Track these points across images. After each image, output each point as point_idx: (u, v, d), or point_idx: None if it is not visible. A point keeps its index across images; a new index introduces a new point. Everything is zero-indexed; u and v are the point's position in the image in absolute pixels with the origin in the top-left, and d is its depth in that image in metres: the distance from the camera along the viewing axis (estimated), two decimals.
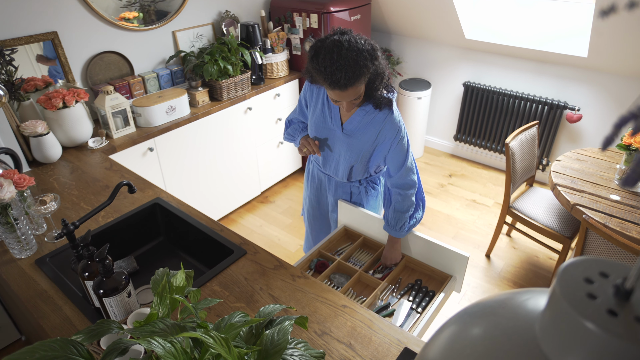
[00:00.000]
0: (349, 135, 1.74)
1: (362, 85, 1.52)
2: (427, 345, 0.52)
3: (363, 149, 1.74)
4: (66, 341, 0.80)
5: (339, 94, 1.51)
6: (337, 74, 1.44)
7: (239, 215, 3.51)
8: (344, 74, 1.44)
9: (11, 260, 1.55)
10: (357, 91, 1.52)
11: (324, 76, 1.47)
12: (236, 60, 2.98)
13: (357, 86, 1.49)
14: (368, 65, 1.48)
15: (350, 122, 1.73)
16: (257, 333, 0.88)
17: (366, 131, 1.71)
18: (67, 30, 2.47)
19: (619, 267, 0.37)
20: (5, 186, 1.41)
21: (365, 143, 1.73)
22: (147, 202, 1.87)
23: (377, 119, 1.68)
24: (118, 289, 1.18)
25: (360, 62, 1.45)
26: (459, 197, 3.70)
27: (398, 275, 1.81)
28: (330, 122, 1.77)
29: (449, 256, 1.73)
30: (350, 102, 1.57)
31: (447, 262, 1.75)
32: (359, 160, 1.79)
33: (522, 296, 0.47)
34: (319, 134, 1.83)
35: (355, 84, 1.48)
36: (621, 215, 2.11)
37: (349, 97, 1.53)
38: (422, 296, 1.69)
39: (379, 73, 1.57)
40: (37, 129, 2.05)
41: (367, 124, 1.70)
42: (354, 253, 1.93)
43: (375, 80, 1.58)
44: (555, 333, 0.36)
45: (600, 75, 3.23)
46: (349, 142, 1.75)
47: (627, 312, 0.33)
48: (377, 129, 1.69)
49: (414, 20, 3.80)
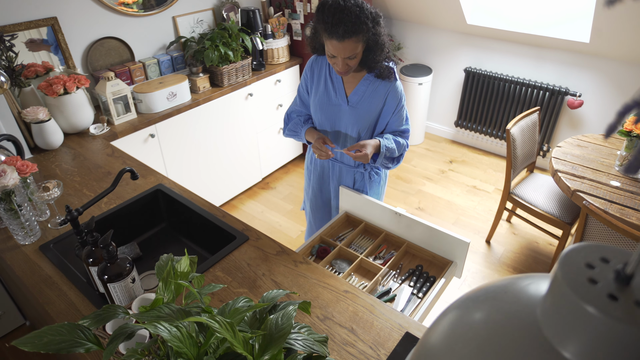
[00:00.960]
0: (354, 107, 1.76)
1: (360, 44, 1.54)
2: (430, 330, 0.53)
3: (370, 118, 1.77)
4: (73, 326, 0.81)
5: (336, 45, 1.53)
6: (338, 24, 1.48)
7: (240, 201, 3.52)
8: (344, 24, 1.48)
9: (15, 247, 1.57)
10: (353, 47, 1.53)
11: (325, 26, 1.52)
12: (237, 46, 2.96)
13: (354, 41, 1.52)
14: (368, 24, 1.52)
15: (355, 94, 1.75)
16: (261, 318, 0.89)
17: (372, 100, 1.74)
18: (67, 15, 2.45)
19: (619, 252, 0.38)
20: (9, 173, 1.42)
21: (372, 113, 1.76)
22: (149, 189, 1.87)
23: (381, 87, 1.71)
24: (122, 274, 1.19)
25: (362, 18, 1.49)
26: (460, 183, 3.71)
27: (399, 261, 1.82)
28: (335, 97, 1.79)
29: (450, 242, 1.73)
30: (345, 63, 1.58)
31: (447, 247, 1.76)
32: (366, 130, 1.80)
33: (524, 281, 0.47)
34: (323, 112, 1.83)
35: (353, 37, 1.50)
36: (621, 202, 2.11)
37: (344, 52, 1.54)
38: (422, 282, 1.70)
39: (380, 44, 1.60)
40: (38, 116, 2.05)
41: (371, 94, 1.73)
42: (355, 239, 1.94)
43: (376, 50, 1.61)
44: (557, 317, 0.37)
45: (602, 61, 3.21)
46: (356, 114, 1.77)
47: (627, 297, 0.34)
48: (382, 98, 1.73)
49: (415, 6, 3.77)
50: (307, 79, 1.87)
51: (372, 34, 1.56)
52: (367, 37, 1.55)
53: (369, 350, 1.18)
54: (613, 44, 2.99)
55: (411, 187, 3.64)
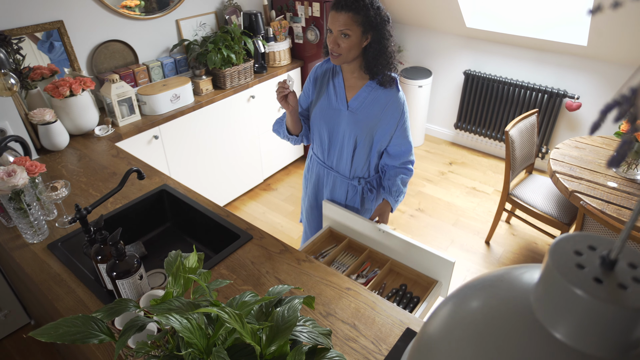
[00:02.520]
0: (354, 112, 1.76)
1: (355, 25, 1.55)
2: (430, 318, 0.56)
3: (368, 125, 1.76)
4: (87, 318, 0.85)
5: (333, 16, 1.56)
6: None
7: (241, 202, 3.55)
8: None
9: (24, 245, 1.60)
10: (347, 23, 1.54)
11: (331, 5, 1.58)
12: (239, 48, 3.00)
13: (350, 17, 1.53)
14: (370, 11, 1.53)
15: (355, 99, 1.74)
16: (267, 312, 0.93)
17: (372, 107, 1.73)
18: (72, 19, 2.49)
19: (605, 240, 0.41)
20: (19, 173, 1.45)
21: (371, 120, 1.74)
22: (154, 189, 1.91)
23: (382, 96, 1.71)
24: (130, 271, 1.23)
25: (367, 3, 1.53)
26: (459, 184, 3.74)
27: (382, 280, 1.75)
28: (336, 101, 1.79)
29: (435, 261, 1.68)
30: (337, 40, 1.58)
31: (432, 266, 1.70)
32: (363, 137, 1.78)
33: (518, 270, 0.51)
34: (323, 115, 1.82)
35: (350, 12, 1.52)
36: (618, 202, 2.15)
37: (337, 24, 1.55)
38: (406, 302, 1.65)
39: (384, 46, 1.61)
40: (45, 117, 2.08)
41: (372, 101, 1.73)
42: (339, 256, 1.87)
43: (380, 51, 1.61)
44: (548, 300, 0.40)
45: (600, 64, 3.25)
46: (355, 119, 1.76)
47: (611, 280, 0.37)
48: (383, 106, 1.72)
49: (415, 9, 3.81)
50: (309, 82, 1.88)
51: (373, 25, 1.56)
52: (367, 23, 1.55)
53: (370, 345, 1.21)
54: (610, 47, 3.03)
55: (411, 188, 3.67)
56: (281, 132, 1.91)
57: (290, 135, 1.88)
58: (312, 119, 1.87)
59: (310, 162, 2.05)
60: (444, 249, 3.04)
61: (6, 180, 1.42)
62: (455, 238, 3.14)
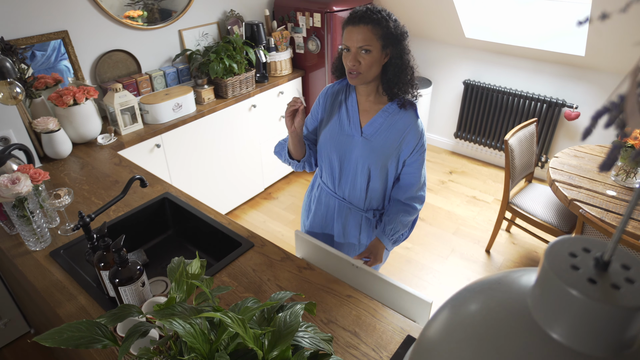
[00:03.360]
0: (368, 139, 1.59)
1: (375, 39, 1.42)
2: (429, 322, 0.57)
3: (384, 154, 1.59)
4: (92, 323, 0.85)
5: (350, 31, 1.44)
6: (358, 11, 1.44)
7: (242, 211, 3.56)
8: (362, 12, 1.43)
9: (26, 252, 1.61)
10: (367, 37, 1.42)
11: (345, 21, 1.48)
12: (241, 58, 3.03)
13: (370, 30, 1.41)
14: (389, 24, 1.43)
15: (370, 125, 1.59)
16: (268, 317, 0.94)
17: (388, 134, 1.57)
18: (77, 29, 2.52)
19: (599, 243, 0.42)
20: (22, 180, 1.46)
21: (387, 148, 1.58)
22: (156, 197, 1.92)
23: (400, 122, 1.56)
24: (133, 278, 1.23)
25: (384, 15, 1.44)
26: (460, 193, 3.75)
27: None
28: (348, 127, 1.62)
29: (411, 300, 1.51)
30: (356, 57, 1.45)
31: (408, 306, 1.53)
32: (377, 167, 1.61)
33: (516, 273, 0.52)
34: (333, 141, 1.65)
35: (369, 25, 1.41)
36: (617, 210, 2.16)
37: (356, 39, 1.42)
38: None
39: (405, 62, 1.49)
40: (48, 126, 2.10)
41: (389, 127, 1.57)
42: None
43: (400, 68, 1.49)
44: (545, 301, 0.41)
45: (598, 73, 3.28)
46: (370, 147, 1.59)
47: (604, 280, 0.38)
48: (401, 134, 1.57)
49: (414, 20, 3.85)
50: (318, 104, 1.73)
51: (393, 39, 1.45)
52: (387, 36, 1.43)
53: (371, 352, 1.22)
54: (608, 57, 3.06)
55: None
56: (282, 155, 1.74)
57: (291, 159, 1.70)
58: (321, 145, 1.70)
59: (318, 191, 1.85)
60: (444, 257, 3.05)
61: (10, 188, 1.43)
62: (455, 247, 3.15)
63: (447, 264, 3.00)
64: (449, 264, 2.99)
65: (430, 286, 2.81)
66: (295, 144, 1.63)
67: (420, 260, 3.03)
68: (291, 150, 1.67)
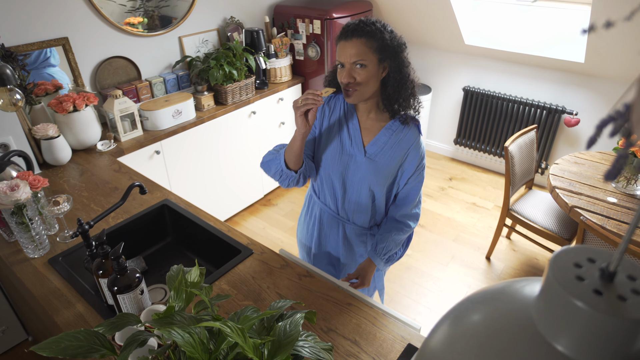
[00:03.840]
0: (372, 159, 1.51)
1: (371, 53, 1.34)
2: (432, 332, 0.56)
3: (389, 173, 1.53)
4: (90, 332, 0.85)
5: (343, 46, 1.36)
6: (351, 24, 1.36)
7: (242, 217, 3.55)
8: (355, 25, 1.35)
9: (25, 260, 1.60)
10: (362, 50, 1.33)
11: (338, 35, 1.39)
12: (241, 65, 3.03)
13: (364, 43, 1.33)
14: (385, 36, 1.35)
15: (374, 144, 1.51)
16: (268, 326, 0.93)
17: (393, 153, 1.50)
18: (77, 36, 2.52)
19: (604, 253, 0.42)
20: (22, 187, 1.46)
21: (392, 168, 1.52)
22: (155, 204, 1.91)
23: (404, 139, 1.49)
24: (131, 286, 1.22)
25: (378, 26, 1.35)
26: (459, 200, 3.75)
27: None
28: (350, 146, 1.53)
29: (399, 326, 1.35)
30: (351, 72, 1.36)
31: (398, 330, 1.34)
32: (381, 187, 1.55)
33: (519, 283, 0.51)
34: (334, 162, 1.56)
35: (363, 37, 1.33)
36: (618, 217, 2.15)
37: (350, 53, 1.34)
38: None
39: (404, 75, 1.42)
40: (48, 132, 2.10)
41: (393, 145, 1.50)
42: None
43: (400, 81, 1.41)
44: (549, 312, 0.41)
45: (597, 80, 3.29)
46: (374, 167, 1.51)
47: (610, 292, 0.38)
48: (405, 150, 1.50)
49: (414, 27, 3.86)
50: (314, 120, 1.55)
51: (390, 51, 1.37)
52: (383, 49, 1.35)
53: None
54: (607, 64, 3.07)
55: None
56: (274, 165, 1.55)
57: (288, 169, 1.53)
58: (322, 166, 1.60)
59: (319, 212, 1.73)
60: (444, 264, 3.04)
61: (9, 195, 1.43)
62: (455, 254, 3.14)
63: (448, 271, 2.99)
64: (449, 271, 2.98)
65: (431, 293, 2.80)
66: (298, 149, 1.47)
67: (420, 267, 3.02)
68: (290, 157, 1.50)
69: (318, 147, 1.60)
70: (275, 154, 1.57)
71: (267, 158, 1.59)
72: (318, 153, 1.60)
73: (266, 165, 1.59)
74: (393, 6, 3.76)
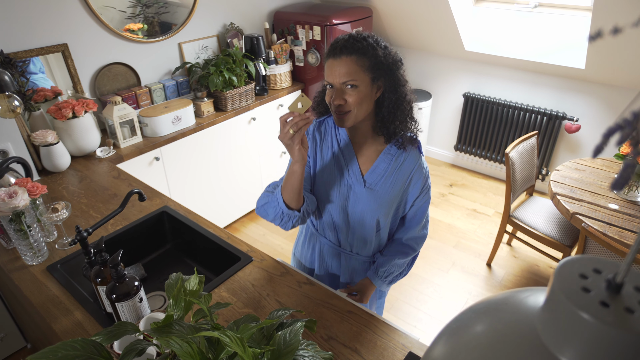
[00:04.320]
0: (372, 188, 1.40)
1: (363, 72, 1.22)
2: (433, 342, 0.55)
3: (392, 202, 1.42)
4: (87, 341, 0.83)
5: (331, 64, 1.24)
6: (339, 40, 1.24)
7: (242, 224, 3.54)
8: (344, 41, 1.23)
9: (23, 267, 1.59)
10: (352, 70, 1.21)
11: (327, 52, 1.27)
12: (241, 71, 3.04)
13: (355, 62, 1.21)
14: (378, 52, 1.23)
15: (373, 172, 1.40)
16: (268, 335, 0.92)
17: (395, 179, 1.39)
18: (77, 42, 2.53)
19: (610, 264, 0.41)
20: (20, 194, 1.45)
21: (395, 196, 1.41)
22: (154, 211, 1.90)
23: (405, 164, 1.39)
24: (130, 294, 1.21)
25: (370, 42, 1.24)
26: (460, 206, 3.74)
27: None
28: (348, 177, 1.41)
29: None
30: (340, 94, 1.24)
31: None
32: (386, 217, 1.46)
33: (523, 294, 0.50)
34: (333, 196, 1.44)
35: (354, 55, 1.21)
36: (620, 224, 2.14)
37: (339, 74, 1.22)
38: None
39: (400, 95, 1.29)
40: (47, 139, 2.10)
41: (394, 172, 1.39)
42: None
43: (395, 102, 1.29)
44: (554, 324, 0.40)
45: (598, 86, 3.29)
46: (375, 197, 1.40)
47: (617, 304, 0.37)
48: (407, 176, 1.40)
49: (414, 33, 3.87)
50: None
51: (384, 69, 1.25)
52: (376, 67, 1.24)
53: None
54: (608, 70, 3.07)
55: None
56: (272, 208, 1.39)
57: (289, 209, 1.36)
58: (320, 199, 1.48)
59: (317, 245, 1.61)
60: (445, 271, 3.02)
61: (7, 202, 1.42)
62: (456, 260, 3.12)
63: (448, 277, 2.97)
64: (449, 278, 2.97)
65: (431, 300, 2.78)
66: (299, 183, 1.30)
67: (420, 274, 3.00)
68: (290, 196, 1.33)
69: (313, 180, 1.47)
70: (270, 195, 1.41)
71: (262, 202, 1.44)
72: (314, 186, 1.48)
73: (262, 210, 1.43)
74: (393, 12, 3.77)
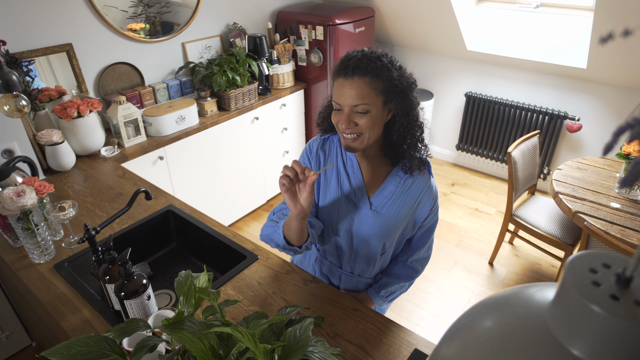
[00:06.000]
0: (378, 211, 1.33)
1: (375, 95, 1.14)
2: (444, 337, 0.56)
3: (399, 226, 1.36)
4: (100, 337, 0.85)
5: (341, 84, 1.15)
6: (351, 59, 1.15)
7: (244, 223, 3.56)
8: (357, 60, 1.14)
9: (30, 265, 1.60)
10: (364, 93, 1.13)
11: (335, 68, 1.18)
12: (244, 71, 3.05)
13: (367, 83, 1.13)
14: (392, 73, 1.16)
15: (379, 194, 1.33)
16: (277, 332, 0.93)
17: (403, 203, 1.33)
18: (81, 42, 2.54)
19: (619, 258, 0.42)
20: (27, 193, 1.46)
21: (402, 220, 1.35)
22: (160, 209, 1.92)
23: (413, 187, 1.32)
24: (138, 291, 1.23)
25: (384, 62, 1.16)
26: (462, 205, 3.75)
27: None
28: (354, 198, 1.34)
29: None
30: (351, 118, 1.16)
31: None
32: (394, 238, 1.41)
33: (532, 288, 0.52)
34: (338, 218, 1.38)
35: (367, 76, 1.12)
36: (622, 223, 2.15)
37: (349, 96, 1.14)
38: None
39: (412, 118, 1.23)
40: (52, 138, 2.11)
41: (402, 195, 1.32)
42: None
43: (406, 126, 1.23)
44: (565, 317, 0.41)
45: (599, 86, 3.30)
46: (382, 220, 1.34)
47: (627, 297, 0.38)
48: (414, 199, 1.33)
49: (416, 33, 3.88)
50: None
51: (398, 92, 1.18)
52: (390, 90, 1.16)
53: None
54: (610, 69, 3.08)
55: None
56: (274, 238, 1.36)
57: (290, 246, 1.33)
58: (323, 220, 1.42)
59: (317, 265, 1.57)
60: (447, 270, 3.03)
61: (15, 201, 1.43)
62: (458, 259, 3.13)
63: (450, 276, 2.98)
64: (452, 277, 2.98)
65: (434, 299, 2.80)
66: (300, 227, 1.25)
67: (423, 273, 3.01)
68: (290, 234, 1.29)
69: (317, 200, 1.41)
70: (274, 227, 1.37)
71: (265, 231, 1.40)
72: (317, 207, 1.42)
73: (266, 238, 1.41)
74: (395, 12, 3.78)
